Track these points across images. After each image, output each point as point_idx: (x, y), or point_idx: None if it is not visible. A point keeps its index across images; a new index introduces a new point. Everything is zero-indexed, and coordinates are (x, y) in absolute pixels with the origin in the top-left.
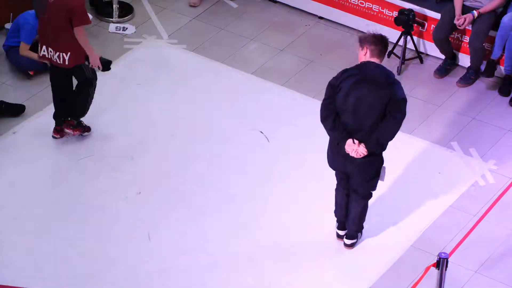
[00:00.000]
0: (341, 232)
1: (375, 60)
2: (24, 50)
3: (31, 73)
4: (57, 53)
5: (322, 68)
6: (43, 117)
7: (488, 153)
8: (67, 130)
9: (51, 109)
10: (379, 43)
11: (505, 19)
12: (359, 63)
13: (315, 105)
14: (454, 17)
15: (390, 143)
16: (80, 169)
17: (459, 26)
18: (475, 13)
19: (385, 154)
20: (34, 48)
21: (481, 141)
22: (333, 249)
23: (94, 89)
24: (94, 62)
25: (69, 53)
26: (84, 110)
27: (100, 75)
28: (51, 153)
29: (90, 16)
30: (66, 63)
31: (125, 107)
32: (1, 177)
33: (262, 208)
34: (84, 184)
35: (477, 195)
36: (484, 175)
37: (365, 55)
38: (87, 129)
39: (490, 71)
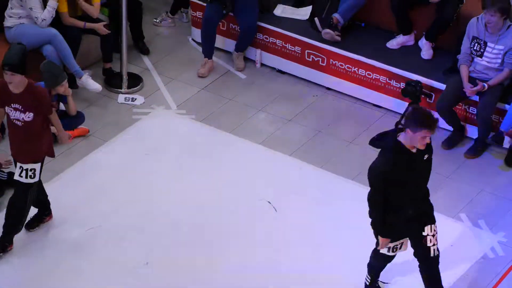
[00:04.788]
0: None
1: None
2: None
3: None
4: None
5: (330, 139)
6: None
7: (497, 224)
8: None
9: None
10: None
11: None
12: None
13: (323, 175)
14: (460, 88)
15: None
16: (88, 238)
17: (469, 94)
18: (485, 85)
19: None
20: None
21: (489, 212)
22: None
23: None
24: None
25: None
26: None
27: (108, 144)
28: (60, 223)
29: (100, 87)
30: None
31: (134, 177)
32: (10, 254)
33: (271, 278)
34: (92, 254)
35: (486, 267)
36: (494, 247)
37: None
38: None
39: (499, 139)
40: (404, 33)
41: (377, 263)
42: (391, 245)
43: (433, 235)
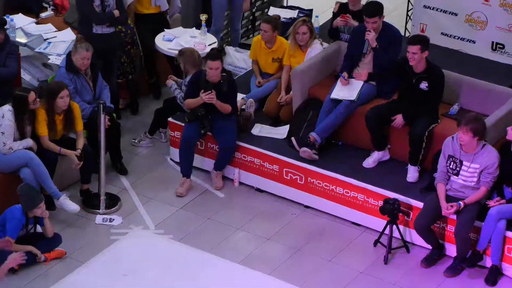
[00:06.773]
0: None
1: None
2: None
3: (16, 267)
4: None
5: (310, 257)
6: None
7: None
8: None
9: None
10: None
11: (492, 211)
12: None
13: None
14: (437, 206)
15: None
16: None
17: (446, 215)
18: (461, 204)
19: None
20: (18, 242)
21: None
22: None
23: None
24: None
25: None
26: None
27: (86, 265)
28: None
29: (78, 207)
30: None
31: None
32: None
33: None
34: None
35: None
36: None
37: None
38: None
39: (473, 261)
40: (378, 149)
41: None
42: None
43: None
